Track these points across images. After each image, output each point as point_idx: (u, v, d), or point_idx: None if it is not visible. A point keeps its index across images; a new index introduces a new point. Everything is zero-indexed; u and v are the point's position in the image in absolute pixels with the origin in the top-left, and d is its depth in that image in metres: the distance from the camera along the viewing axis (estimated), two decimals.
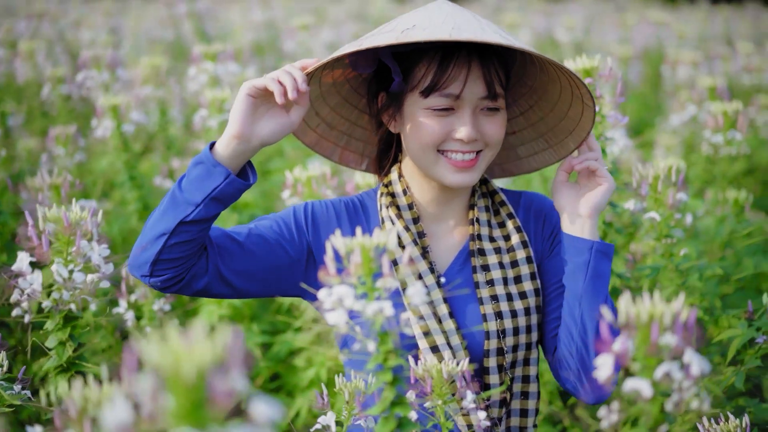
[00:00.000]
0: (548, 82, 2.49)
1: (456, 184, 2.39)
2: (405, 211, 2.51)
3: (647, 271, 3.32)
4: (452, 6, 2.34)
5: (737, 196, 4.19)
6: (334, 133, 2.67)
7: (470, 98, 2.32)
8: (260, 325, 3.96)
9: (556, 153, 2.65)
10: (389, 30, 2.25)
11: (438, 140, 2.35)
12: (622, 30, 10.04)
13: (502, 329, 2.40)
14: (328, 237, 2.27)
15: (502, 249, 2.48)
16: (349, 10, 10.86)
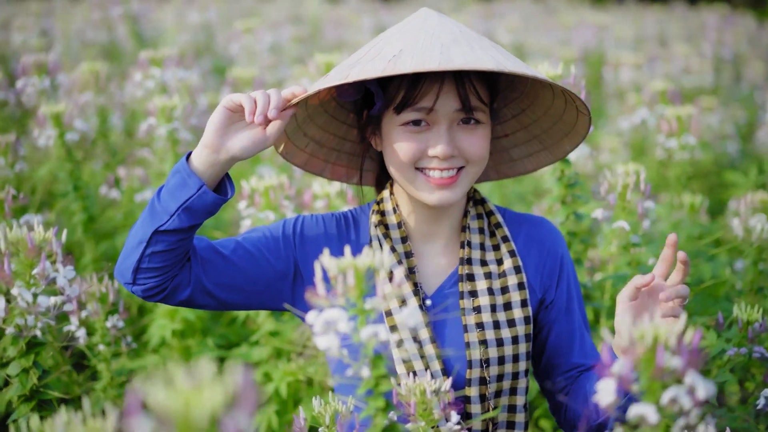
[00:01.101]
0: (540, 88, 2.44)
1: (436, 203, 2.32)
2: (393, 230, 2.45)
3: (611, 279, 3.30)
4: (437, 20, 2.27)
5: (692, 201, 4.19)
6: (323, 150, 2.61)
7: (445, 112, 2.26)
8: (212, 339, 3.85)
9: (552, 154, 2.61)
10: (375, 56, 2.19)
11: (414, 157, 2.29)
12: (561, 32, 10.08)
13: (486, 358, 2.33)
14: (316, 253, 2.33)
15: (494, 274, 2.41)
16: (283, 11, 10.76)
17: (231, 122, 2.20)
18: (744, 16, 15.54)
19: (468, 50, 2.13)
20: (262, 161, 4.87)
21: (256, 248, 2.38)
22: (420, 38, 2.18)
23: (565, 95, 2.34)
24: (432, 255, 2.46)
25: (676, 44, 9.61)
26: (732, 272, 4.16)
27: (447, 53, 2.10)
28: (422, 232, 2.47)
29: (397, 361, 2.31)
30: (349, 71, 2.17)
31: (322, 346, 1.73)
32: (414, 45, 2.16)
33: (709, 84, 7.76)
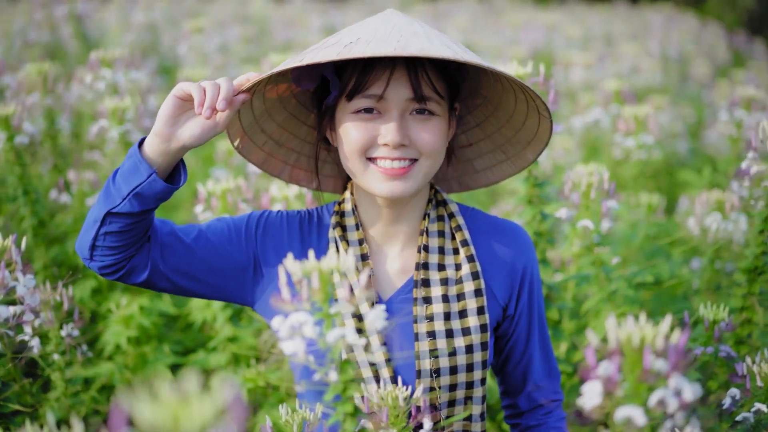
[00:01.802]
0: (503, 93, 2.41)
1: (387, 194, 2.26)
2: (351, 232, 2.41)
3: (574, 280, 3.29)
4: (401, 17, 2.24)
5: (650, 200, 4.21)
6: (282, 151, 2.56)
7: (396, 100, 2.21)
8: (168, 345, 3.77)
9: (514, 164, 2.58)
10: (333, 43, 2.16)
11: (364, 145, 2.24)
12: (510, 31, 10.11)
13: (435, 368, 2.28)
14: (276, 250, 2.34)
15: (451, 280, 2.35)
16: (229, 11, 10.67)
17: (181, 111, 2.18)
18: (686, 14, 15.75)
19: (427, 43, 2.09)
20: (216, 163, 4.80)
21: (218, 238, 2.36)
22: (380, 29, 2.15)
23: (527, 98, 2.31)
24: (390, 258, 2.41)
25: (622, 43, 9.68)
26: (689, 271, 4.18)
27: (404, 42, 2.07)
28: (381, 233, 2.42)
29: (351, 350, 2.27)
30: (303, 56, 2.15)
31: (289, 350, 1.70)
32: (372, 34, 2.13)
33: (658, 83, 7.82)
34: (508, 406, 2.57)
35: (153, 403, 1.13)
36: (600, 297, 3.26)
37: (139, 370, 3.56)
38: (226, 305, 3.51)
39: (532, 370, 2.50)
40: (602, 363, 1.64)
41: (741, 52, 14.62)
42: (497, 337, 2.46)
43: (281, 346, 1.70)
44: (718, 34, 14.38)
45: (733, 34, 15.32)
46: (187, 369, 3.65)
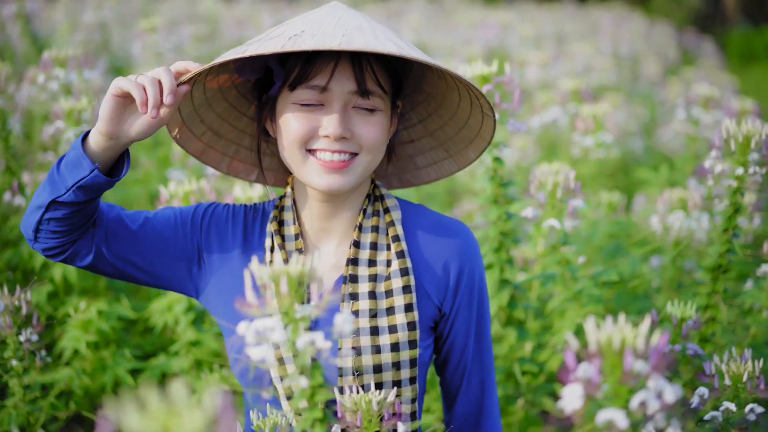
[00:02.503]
0: (447, 90, 2.39)
1: (325, 188, 2.23)
2: (288, 226, 2.38)
3: (540, 279, 3.28)
4: (345, 10, 2.23)
5: (610, 199, 4.22)
6: (221, 142, 2.51)
7: (339, 92, 2.19)
8: (126, 349, 3.71)
9: (456, 162, 2.56)
10: (277, 35, 2.13)
11: (304, 136, 2.21)
12: (463, 30, 10.13)
13: (358, 366, 2.24)
14: (219, 243, 2.35)
15: (380, 276, 2.30)
16: (179, 11, 10.58)
17: (123, 107, 2.15)
18: (634, 13, 15.92)
19: (372, 37, 2.08)
20: (172, 164, 4.73)
21: (164, 227, 2.36)
22: (325, 22, 2.14)
23: (471, 96, 2.30)
24: (325, 254, 2.37)
25: (572, 42, 9.73)
26: (649, 269, 4.20)
27: (349, 35, 2.06)
28: (317, 228, 2.38)
29: (271, 365, 2.23)
30: (247, 47, 2.12)
31: (256, 357, 1.67)
32: (317, 27, 2.11)
33: (611, 82, 7.87)
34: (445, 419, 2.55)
35: (142, 413, 1.10)
36: (565, 296, 3.26)
37: (99, 376, 3.51)
38: (188, 309, 3.47)
39: (466, 381, 2.44)
40: (581, 365, 1.63)
41: (689, 51, 14.82)
42: (436, 336, 2.42)
43: (248, 352, 1.68)
44: (666, 33, 14.54)
45: (683, 32, 15.53)
46: (148, 374, 3.60)
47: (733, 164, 2.96)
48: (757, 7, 24.97)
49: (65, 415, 3.31)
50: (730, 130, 2.93)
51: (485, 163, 3.19)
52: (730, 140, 2.93)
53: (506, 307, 3.24)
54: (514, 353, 3.32)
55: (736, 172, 2.94)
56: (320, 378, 1.75)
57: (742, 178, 2.97)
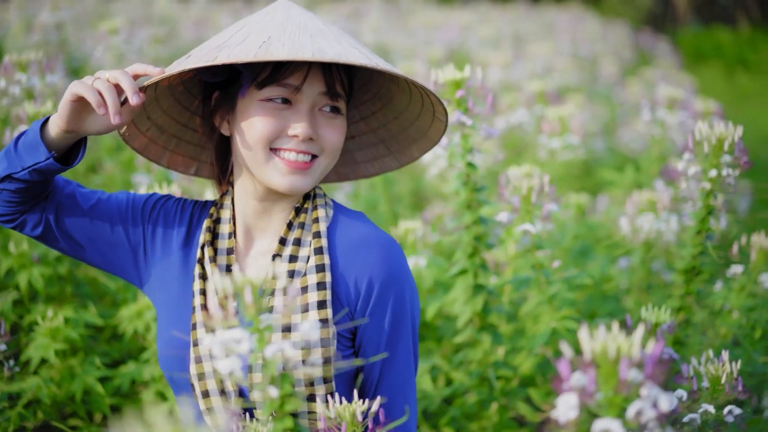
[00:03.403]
0: (397, 92, 2.41)
1: (287, 188, 2.23)
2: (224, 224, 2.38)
3: (514, 283, 3.28)
4: (298, 12, 2.25)
5: (578, 201, 4.23)
6: (164, 137, 2.52)
7: (309, 93, 2.20)
8: (94, 357, 3.65)
9: (397, 160, 2.59)
10: (242, 40, 2.13)
11: (271, 135, 2.20)
12: (424, 32, 10.12)
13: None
14: (164, 235, 2.38)
15: (298, 272, 2.27)
16: (134, 12, 10.47)
17: (81, 109, 2.17)
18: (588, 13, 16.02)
19: (336, 44, 2.11)
20: (136, 169, 4.67)
21: (116, 210, 2.38)
22: (287, 27, 2.15)
23: (423, 100, 2.31)
24: (257, 253, 2.36)
25: (530, 43, 9.76)
26: (617, 271, 4.22)
27: (317, 44, 2.09)
28: (252, 227, 2.37)
29: (191, 361, 2.25)
30: (216, 53, 2.10)
31: (225, 370, 1.66)
32: (282, 33, 2.12)
33: (572, 83, 7.90)
34: None
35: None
36: (539, 300, 3.25)
37: (67, 384, 3.44)
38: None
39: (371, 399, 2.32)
40: (575, 374, 1.62)
41: (645, 51, 14.94)
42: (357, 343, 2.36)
43: (216, 365, 1.66)
44: (622, 33, 14.65)
45: (638, 32, 15.65)
46: (117, 381, 3.55)
47: (707, 166, 2.97)
48: (707, 7, 25.25)
49: (33, 425, 3.27)
50: (703, 132, 2.94)
51: (457, 168, 3.18)
52: (703, 142, 2.95)
53: (481, 312, 3.22)
54: (488, 358, 3.30)
55: (710, 174, 2.95)
56: (290, 388, 1.74)
57: (715, 181, 2.98)
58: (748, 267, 3.31)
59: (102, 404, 3.51)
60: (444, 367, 3.47)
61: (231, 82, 2.27)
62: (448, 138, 3.12)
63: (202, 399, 2.24)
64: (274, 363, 1.71)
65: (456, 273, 3.22)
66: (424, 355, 3.68)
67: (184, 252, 2.37)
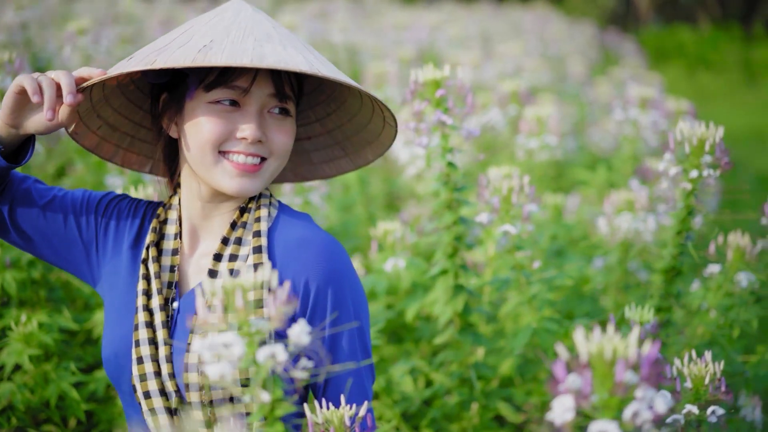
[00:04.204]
0: (348, 95, 2.42)
1: (236, 191, 2.22)
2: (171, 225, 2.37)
3: (496, 284, 3.27)
4: (250, 13, 2.23)
5: (555, 202, 4.23)
6: (116, 135, 2.51)
7: (258, 95, 2.20)
8: (68, 362, 3.59)
9: (353, 161, 2.59)
10: (185, 42, 2.12)
11: (220, 137, 2.18)
12: (395, 32, 10.10)
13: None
14: (116, 235, 2.37)
15: (236, 272, 2.25)
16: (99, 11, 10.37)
17: (25, 103, 2.19)
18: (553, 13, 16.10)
19: (280, 48, 2.11)
20: (109, 170, 4.62)
21: (69, 207, 2.39)
22: (232, 31, 2.14)
23: (373, 104, 2.32)
24: (200, 254, 2.35)
25: (498, 43, 9.78)
26: (593, 271, 4.22)
27: (260, 49, 2.08)
28: (198, 227, 2.35)
29: (133, 362, 2.23)
30: (156, 56, 2.09)
31: (215, 375, 1.63)
32: (225, 37, 2.11)
33: (543, 82, 7.92)
34: None
35: None
36: (519, 301, 3.25)
37: (41, 390, 3.39)
38: None
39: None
40: (570, 376, 1.61)
41: (611, 50, 15.03)
42: None
43: (206, 370, 1.64)
44: (588, 33, 14.72)
45: (604, 32, 15.74)
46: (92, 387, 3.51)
47: (687, 167, 2.98)
48: (669, 6, 25.45)
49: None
50: (685, 132, 2.95)
51: (437, 168, 3.17)
52: (684, 143, 2.95)
53: (461, 313, 3.21)
54: (469, 358, 3.30)
55: (691, 174, 2.96)
56: (280, 392, 1.72)
57: (696, 181, 2.99)
58: (725, 266, 3.31)
59: (77, 410, 3.46)
60: (424, 368, 3.46)
61: (178, 83, 2.26)
62: (428, 137, 3.10)
63: (144, 400, 2.21)
64: (266, 367, 1.69)
65: (436, 273, 3.21)
66: (404, 356, 3.66)
67: (133, 252, 2.36)
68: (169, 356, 2.21)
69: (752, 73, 18.22)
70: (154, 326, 2.24)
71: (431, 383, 3.57)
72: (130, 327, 2.27)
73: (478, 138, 5.93)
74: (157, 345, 2.23)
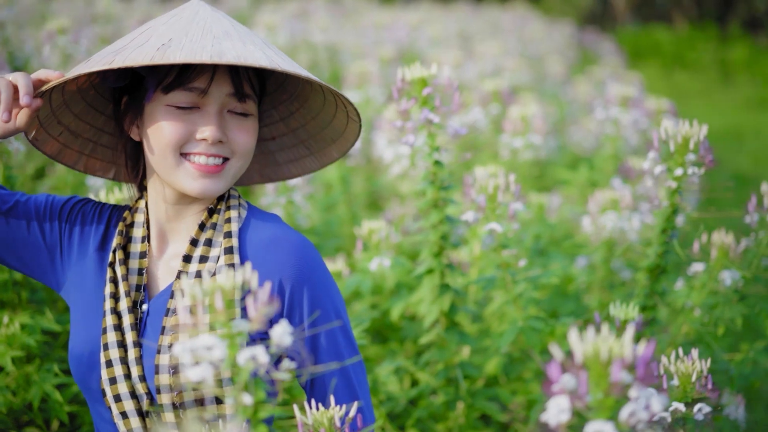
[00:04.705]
0: (311, 93, 2.41)
1: (198, 192, 2.21)
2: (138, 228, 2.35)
3: (481, 282, 3.27)
4: (209, 12, 2.22)
5: (539, 200, 4.23)
6: (78, 141, 2.48)
7: (217, 96, 2.18)
8: (50, 363, 3.56)
9: (318, 160, 2.58)
10: (143, 42, 2.11)
11: (180, 140, 2.18)
12: (375, 31, 10.10)
13: (175, 363, 2.16)
14: (81, 239, 2.35)
15: (208, 273, 2.24)
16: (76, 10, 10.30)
17: None
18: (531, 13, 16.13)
19: (240, 45, 2.10)
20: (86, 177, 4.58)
21: (32, 212, 2.36)
22: (191, 29, 2.13)
23: (336, 100, 2.32)
24: (169, 256, 2.34)
25: (477, 42, 9.78)
26: (578, 270, 4.23)
27: (219, 46, 2.07)
28: (165, 230, 2.34)
29: (102, 366, 2.21)
30: (113, 57, 2.07)
31: (196, 378, 1.61)
32: (184, 36, 2.10)
33: (523, 82, 7.93)
34: None
35: None
36: (505, 299, 3.25)
37: (24, 392, 3.37)
38: None
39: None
40: (564, 376, 1.61)
41: (589, 50, 15.07)
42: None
43: (187, 374, 1.61)
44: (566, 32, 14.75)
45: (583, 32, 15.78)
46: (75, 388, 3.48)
47: (672, 165, 2.98)
48: (646, 6, 25.55)
49: None
50: (669, 131, 2.95)
51: (422, 167, 3.16)
52: (669, 141, 2.96)
53: (448, 313, 3.20)
54: (454, 358, 3.29)
55: (675, 172, 2.96)
56: (263, 394, 1.70)
57: (680, 179, 2.99)
58: (709, 265, 3.32)
59: (60, 412, 3.43)
60: (409, 368, 3.45)
61: (137, 86, 2.25)
62: (415, 136, 3.09)
63: (115, 403, 2.20)
64: (247, 369, 1.67)
65: (423, 273, 3.20)
66: (388, 356, 3.66)
67: (100, 255, 2.34)
68: (139, 359, 2.20)
69: (728, 73, 18.33)
70: (123, 329, 2.23)
71: (417, 383, 3.56)
72: (98, 330, 2.25)
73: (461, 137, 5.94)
74: (126, 348, 2.21)
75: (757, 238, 3.26)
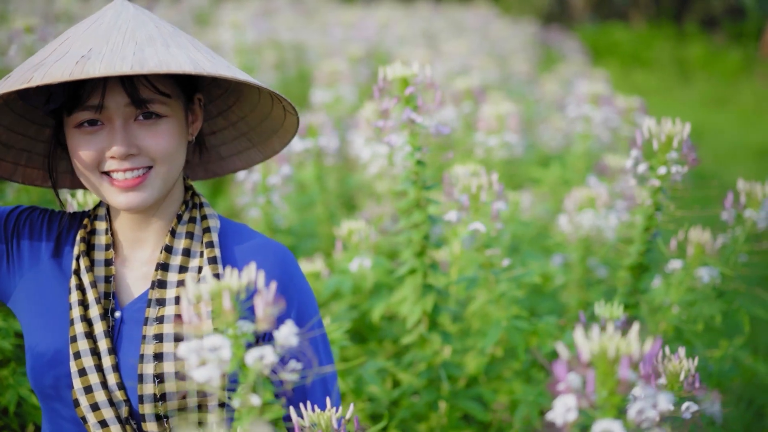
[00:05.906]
0: (245, 87, 2.37)
1: (125, 207, 2.17)
2: (100, 236, 2.31)
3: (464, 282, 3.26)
4: (132, 13, 2.14)
5: (515, 199, 4.24)
6: (12, 153, 2.40)
7: (115, 108, 2.11)
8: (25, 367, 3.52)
9: (261, 152, 2.55)
10: (62, 55, 2.01)
11: (92, 162, 2.14)
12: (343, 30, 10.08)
13: (158, 373, 2.15)
14: (30, 248, 2.29)
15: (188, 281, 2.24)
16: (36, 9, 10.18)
17: None
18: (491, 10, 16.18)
19: (163, 49, 2.04)
20: None
21: None
22: (112, 36, 2.04)
23: (272, 95, 2.29)
24: (138, 263, 2.31)
25: (443, 41, 9.78)
26: (554, 268, 4.24)
27: (141, 53, 2.00)
28: (130, 239, 2.31)
29: (74, 375, 2.17)
30: (33, 73, 1.97)
31: (202, 378, 1.60)
32: (105, 44, 2.01)
33: (491, 81, 7.94)
34: None
35: None
36: (487, 299, 3.24)
37: None
38: None
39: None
40: (570, 375, 1.61)
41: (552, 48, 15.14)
42: None
43: (192, 375, 1.60)
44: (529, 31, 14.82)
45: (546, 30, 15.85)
46: None
47: (655, 164, 3.00)
48: (603, 4, 25.71)
49: None
50: (652, 129, 2.96)
51: (402, 166, 3.15)
52: (652, 139, 2.97)
53: (430, 313, 3.19)
54: (437, 358, 3.28)
55: (659, 171, 2.97)
56: (270, 395, 1.70)
57: (664, 178, 3.00)
58: (686, 262, 3.34)
59: (35, 416, 3.39)
60: (391, 368, 3.44)
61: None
62: (396, 135, 3.07)
63: (92, 412, 2.15)
64: (254, 370, 1.66)
65: (405, 273, 3.19)
66: (368, 356, 3.64)
67: (55, 262, 2.30)
68: (116, 366, 2.17)
69: (685, 71, 18.51)
70: (95, 336, 2.19)
71: (398, 383, 3.55)
72: (64, 336, 2.21)
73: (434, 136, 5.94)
74: (99, 355, 2.18)
75: (734, 235, 3.27)
